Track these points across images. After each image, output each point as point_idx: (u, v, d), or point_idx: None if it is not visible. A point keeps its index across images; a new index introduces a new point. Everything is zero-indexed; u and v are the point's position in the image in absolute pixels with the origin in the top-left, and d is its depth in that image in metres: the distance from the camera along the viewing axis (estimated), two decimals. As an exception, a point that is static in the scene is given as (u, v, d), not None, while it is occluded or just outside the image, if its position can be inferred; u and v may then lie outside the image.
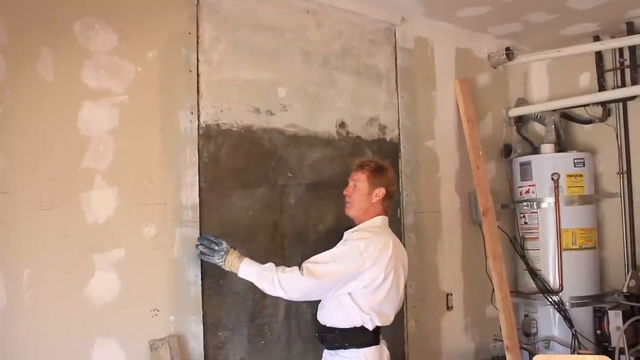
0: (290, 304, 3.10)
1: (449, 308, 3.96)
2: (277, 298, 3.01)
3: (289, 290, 2.55)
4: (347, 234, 2.74)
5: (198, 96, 2.84)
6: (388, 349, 2.80)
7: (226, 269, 2.63)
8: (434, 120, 3.98)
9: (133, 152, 2.63)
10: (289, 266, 2.61)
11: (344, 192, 2.78)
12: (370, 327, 2.62)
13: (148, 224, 2.65)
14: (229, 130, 2.94)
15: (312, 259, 2.61)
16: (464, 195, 4.13)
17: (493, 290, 4.02)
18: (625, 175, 4.31)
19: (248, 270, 2.59)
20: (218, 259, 2.62)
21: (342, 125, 3.41)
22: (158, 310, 2.66)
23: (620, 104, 4.30)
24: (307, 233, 3.20)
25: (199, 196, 2.80)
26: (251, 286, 2.92)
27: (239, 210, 2.95)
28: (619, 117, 4.33)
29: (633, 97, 4.18)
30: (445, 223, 3.96)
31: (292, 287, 2.55)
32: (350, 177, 2.79)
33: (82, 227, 2.47)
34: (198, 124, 2.83)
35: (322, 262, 2.58)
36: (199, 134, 2.83)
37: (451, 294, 3.97)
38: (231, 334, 2.90)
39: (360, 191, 2.72)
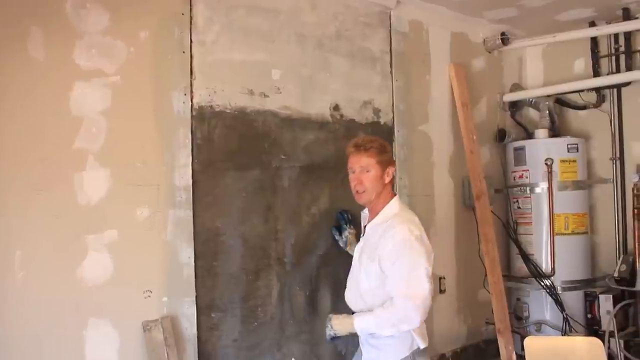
0: (282, 286, 3.12)
1: (441, 291, 3.98)
2: (270, 280, 3.06)
3: (409, 323, 2.44)
4: (374, 229, 2.58)
5: (191, 77, 2.82)
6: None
7: (344, 334, 2.57)
8: (428, 104, 3.98)
9: (126, 133, 2.61)
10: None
11: (354, 182, 2.58)
12: None
13: (141, 205, 2.64)
14: (223, 112, 2.92)
15: (398, 283, 2.43)
16: (457, 180, 4.15)
17: (485, 274, 4.05)
18: (618, 161, 4.34)
19: (363, 324, 2.50)
20: (331, 333, 2.57)
21: (336, 108, 3.40)
22: (151, 292, 2.66)
23: (615, 90, 4.33)
24: (301, 215, 3.19)
25: (192, 178, 2.78)
26: (245, 268, 2.96)
27: (232, 192, 2.94)
28: (613, 103, 4.35)
29: (627, 84, 4.20)
30: (439, 207, 3.97)
31: (408, 319, 2.43)
32: (353, 162, 2.59)
33: (74, 208, 2.46)
34: (191, 105, 2.81)
35: (410, 282, 2.41)
36: (192, 115, 2.81)
37: (444, 278, 3.99)
38: (224, 316, 2.90)
39: (373, 176, 2.54)
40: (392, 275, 2.44)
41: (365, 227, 2.69)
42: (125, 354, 2.58)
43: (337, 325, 2.55)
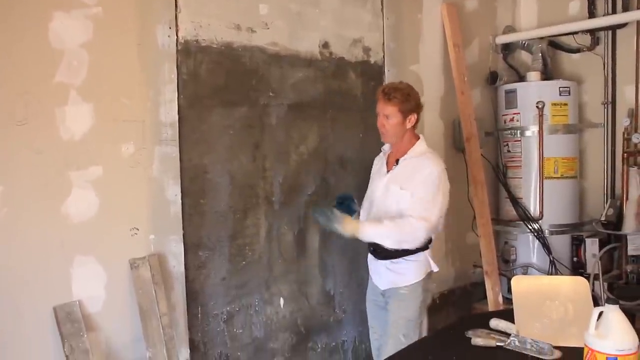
0: (271, 225, 3.11)
1: (429, 234, 3.98)
2: (258, 219, 3.04)
3: (413, 241, 2.76)
4: (407, 162, 2.83)
5: (176, 10, 2.72)
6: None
7: (348, 235, 2.74)
8: (419, 44, 3.90)
9: (109, 67, 2.52)
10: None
11: (379, 124, 2.84)
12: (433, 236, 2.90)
13: (126, 141, 2.58)
14: (209, 47, 2.84)
15: (421, 207, 2.71)
16: (448, 122, 4.11)
17: (474, 218, 4.05)
18: (609, 106, 4.29)
19: (369, 232, 2.76)
20: (336, 227, 2.72)
21: (325, 45, 3.32)
22: (138, 229, 2.63)
23: (610, 32, 4.23)
24: (289, 154, 3.16)
25: (178, 114, 2.71)
26: (232, 206, 2.93)
27: (219, 129, 2.89)
28: (608, 46, 4.27)
29: (623, 25, 4.11)
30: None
31: (414, 237, 2.74)
32: (379, 108, 2.82)
33: (57, 143, 2.40)
34: (176, 40, 2.72)
35: (431, 206, 2.72)
36: (177, 50, 2.72)
37: (432, 220, 3.98)
38: (212, 254, 2.89)
39: (394, 122, 2.80)
40: (416, 198, 2.73)
41: (394, 160, 2.89)
42: (112, 291, 2.56)
43: (347, 224, 2.72)
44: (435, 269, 2.89)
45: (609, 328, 1.79)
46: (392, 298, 2.87)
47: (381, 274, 2.91)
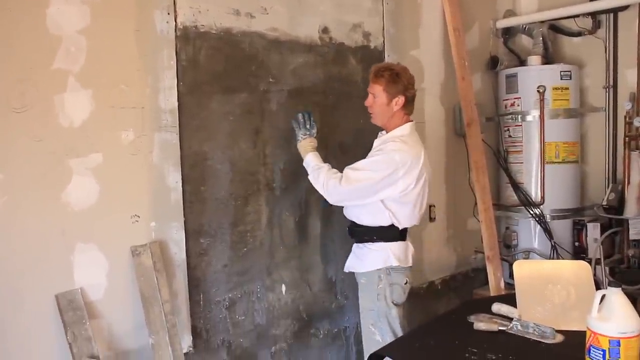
0: (272, 211, 3.11)
1: (431, 219, 3.98)
2: (259, 205, 3.03)
3: (329, 194, 2.77)
4: (377, 143, 2.85)
5: (174, -5, 2.70)
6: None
7: (298, 149, 2.91)
8: (419, 29, 3.87)
9: (107, 53, 2.50)
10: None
11: (367, 104, 2.84)
12: (400, 227, 2.82)
13: (125, 128, 2.56)
14: (208, 33, 2.81)
15: (352, 165, 2.77)
16: (448, 107, 4.09)
17: (475, 203, 4.05)
18: (611, 90, 4.28)
19: (308, 162, 2.85)
20: (300, 136, 2.91)
21: (325, 30, 3.29)
22: (139, 217, 2.62)
23: (611, 15, 4.21)
24: (289, 140, 3.10)
25: (178, 100, 2.69)
26: (233, 193, 2.93)
27: (219, 115, 2.86)
28: (609, 29, 4.25)
29: (625, 8, 4.08)
30: (429, 134, 3.92)
31: (332, 191, 2.75)
32: (369, 87, 2.82)
33: (56, 130, 2.38)
34: (175, 25, 2.69)
35: (357, 169, 2.74)
36: (176, 36, 2.69)
37: (434, 206, 3.99)
38: (213, 241, 2.88)
39: (380, 102, 2.78)
40: (360, 160, 2.76)
41: None
42: (114, 279, 2.56)
43: (305, 143, 2.90)
44: (395, 263, 2.80)
45: (612, 311, 1.79)
46: (358, 287, 2.94)
47: (351, 254, 2.97)
